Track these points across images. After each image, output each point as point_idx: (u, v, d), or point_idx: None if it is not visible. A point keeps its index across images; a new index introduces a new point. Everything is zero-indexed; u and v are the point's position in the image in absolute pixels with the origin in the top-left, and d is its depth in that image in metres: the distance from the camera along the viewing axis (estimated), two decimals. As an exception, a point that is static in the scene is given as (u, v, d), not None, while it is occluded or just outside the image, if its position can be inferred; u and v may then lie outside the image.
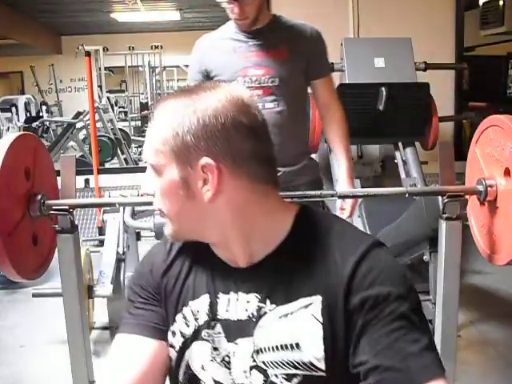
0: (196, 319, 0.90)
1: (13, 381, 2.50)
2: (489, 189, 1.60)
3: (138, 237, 3.68)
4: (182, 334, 0.91)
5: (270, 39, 1.86)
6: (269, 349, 0.84)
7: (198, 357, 0.89)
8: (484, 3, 5.03)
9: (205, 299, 0.89)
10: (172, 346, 0.91)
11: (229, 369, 0.87)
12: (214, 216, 0.84)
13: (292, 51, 1.86)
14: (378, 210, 3.34)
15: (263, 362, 0.84)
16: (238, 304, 0.87)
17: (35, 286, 2.96)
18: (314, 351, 0.81)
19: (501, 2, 4.79)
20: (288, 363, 0.82)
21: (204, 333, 0.89)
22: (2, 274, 3.54)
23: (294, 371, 0.82)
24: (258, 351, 0.84)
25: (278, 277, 0.85)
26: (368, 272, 0.79)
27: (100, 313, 2.99)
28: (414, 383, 0.74)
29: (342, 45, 3.64)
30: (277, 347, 0.83)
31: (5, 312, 3.26)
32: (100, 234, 4.27)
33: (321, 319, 0.81)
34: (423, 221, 2.52)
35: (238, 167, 0.82)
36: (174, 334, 0.91)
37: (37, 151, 1.66)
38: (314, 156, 3.97)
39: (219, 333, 0.88)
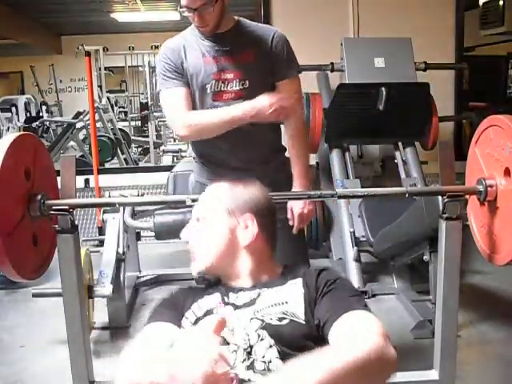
0: (209, 304, 1.27)
1: (13, 381, 2.50)
2: (489, 189, 1.60)
3: (138, 237, 3.68)
4: (195, 314, 1.26)
5: (234, 43, 1.88)
6: (265, 307, 1.21)
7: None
8: (484, 3, 5.03)
9: (217, 295, 1.29)
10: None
11: (232, 330, 1.17)
12: (241, 256, 1.33)
13: (257, 54, 1.88)
14: (378, 210, 3.34)
15: (261, 315, 1.19)
16: (244, 295, 1.27)
17: (35, 286, 2.96)
18: (297, 307, 1.21)
19: (501, 2, 4.79)
20: (279, 312, 1.19)
21: (214, 311, 1.24)
22: (2, 274, 3.53)
23: (283, 316, 1.19)
24: (257, 311, 1.21)
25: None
26: (325, 274, 1.28)
27: (100, 313, 3.00)
28: (346, 310, 1.14)
29: (341, 45, 3.65)
30: (271, 305, 1.21)
31: (5, 312, 3.26)
32: (100, 234, 4.27)
33: (302, 289, 1.24)
34: (423, 221, 2.53)
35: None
36: (186, 318, 1.26)
37: (37, 151, 1.66)
38: (313, 156, 4.00)
39: (227, 307, 1.25)
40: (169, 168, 4.05)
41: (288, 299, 1.22)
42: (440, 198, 1.71)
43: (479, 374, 2.45)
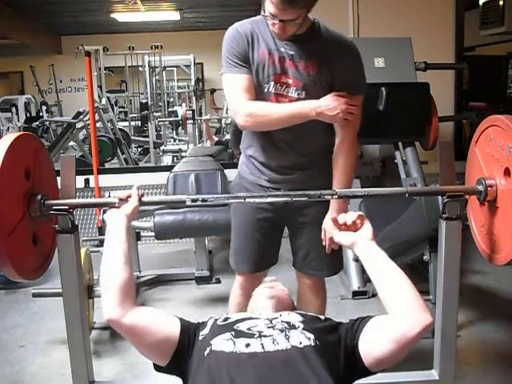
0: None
1: (13, 381, 2.50)
2: (489, 189, 1.61)
3: (138, 237, 3.68)
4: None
5: (303, 50, 1.81)
6: None
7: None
8: (484, 3, 5.03)
9: None
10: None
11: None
12: None
13: (320, 66, 1.81)
14: (378, 209, 3.34)
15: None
16: None
17: (35, 286, 2.97)
18: None
19: (501, 2, 4.79)
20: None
21: None
22: (2, 274, 3.54)
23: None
24: None
25: None
26: None
27: (100, 313, 2.99)
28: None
29: (342, 45, 3.64)
30: None
31: (5, 312, 3.26)
32: (100, 234, 4.27)
33: None
34: (423, 221, 2.52)
35: None
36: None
37: (37, 151, 1.66)
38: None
39: None
40: (169, 168, 4.05)
41: None
42: (440, 197, 1.71)
43: (479, 374, 2.45)
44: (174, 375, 1.42)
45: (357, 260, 3.32)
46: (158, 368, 1.43)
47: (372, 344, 1.30)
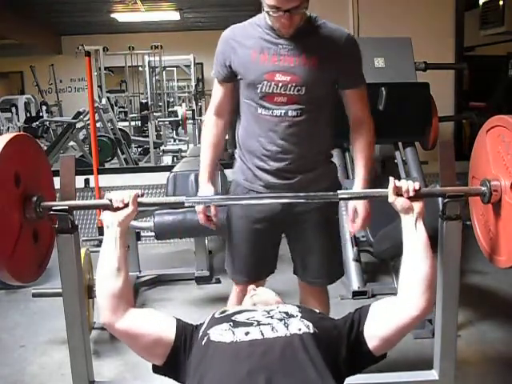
0: None
1: (13, 381, 2.50)
2: (494, 193, 1.57)
3: (138, 237, 3.68)
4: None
5: (301, 44, 1.74)
6: None
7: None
8: (484, 3, 5.03)
9: None
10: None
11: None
12: None
13: (322, 60, 1.75)
14: (378, 210, 3.33)
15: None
16: None
17: (35, 286, 2.96)
18: None
19: (501, 2, 4.79)
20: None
21: None
22: (1, 274, 3.55)
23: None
24: None
25: None
26: None
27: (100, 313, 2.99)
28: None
29: (342, 45, 3.65)
30: None
31: (5, 312, 3.26)
32: (100, 234, 4.27)
33: None
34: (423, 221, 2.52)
35: None
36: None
37: (26, 152, 1.59)
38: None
39: None
40: (169, 168, 4.05)
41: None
42: (440, 197, 1.70)
43: (479, 373, 2.45)
44: (171, 377, 1.43)
45: (357, 260, 3.33)
46: (155, 369, 1.44)
47: (377, 326, 1.38)
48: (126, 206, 1.52)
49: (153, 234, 3.29)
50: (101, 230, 4.26)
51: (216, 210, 1.88)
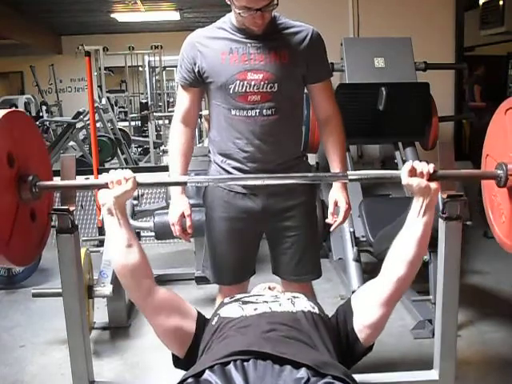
0: None
1: (13, 381, 2.50)
2: (510, 177, 1.50)
3: (138, 237, 3.68)
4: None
5: (269, 42, 1.77)
6: None
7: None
8: (484, 3, 5.04)
9: None
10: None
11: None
12: None
13: (292, 55, 1.78)
14: (378, 209, 3.34)
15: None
16: None
17: (35, 286, 2.97)
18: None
19: (501, 2, 4.80)
20: None
21: None
22: (1, 274, 3.55)
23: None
24: None
25: None
26: None
27: (100, 313, 3.00)
28: None
29: (341, 45, 3.65)
30: None
31: (5, 312, 3.26)
32: (100, 234, 4.27)
33: None
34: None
35: None
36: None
37: (19, 130, 1.52)
38: (313, 156, 3.99)
39: None
40: (169, 168, 4.04)
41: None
42: (440, 197, 1.70)
43: (479, 373, 2.45)
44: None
45: (357, 260, 3.33)
46: (176, 363, 1.47)
47: (363, 315, 1.43)
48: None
49: (153, 234, 3.30)
50: (101, 230, 4.26)
51: (191, 222, 1.89)
